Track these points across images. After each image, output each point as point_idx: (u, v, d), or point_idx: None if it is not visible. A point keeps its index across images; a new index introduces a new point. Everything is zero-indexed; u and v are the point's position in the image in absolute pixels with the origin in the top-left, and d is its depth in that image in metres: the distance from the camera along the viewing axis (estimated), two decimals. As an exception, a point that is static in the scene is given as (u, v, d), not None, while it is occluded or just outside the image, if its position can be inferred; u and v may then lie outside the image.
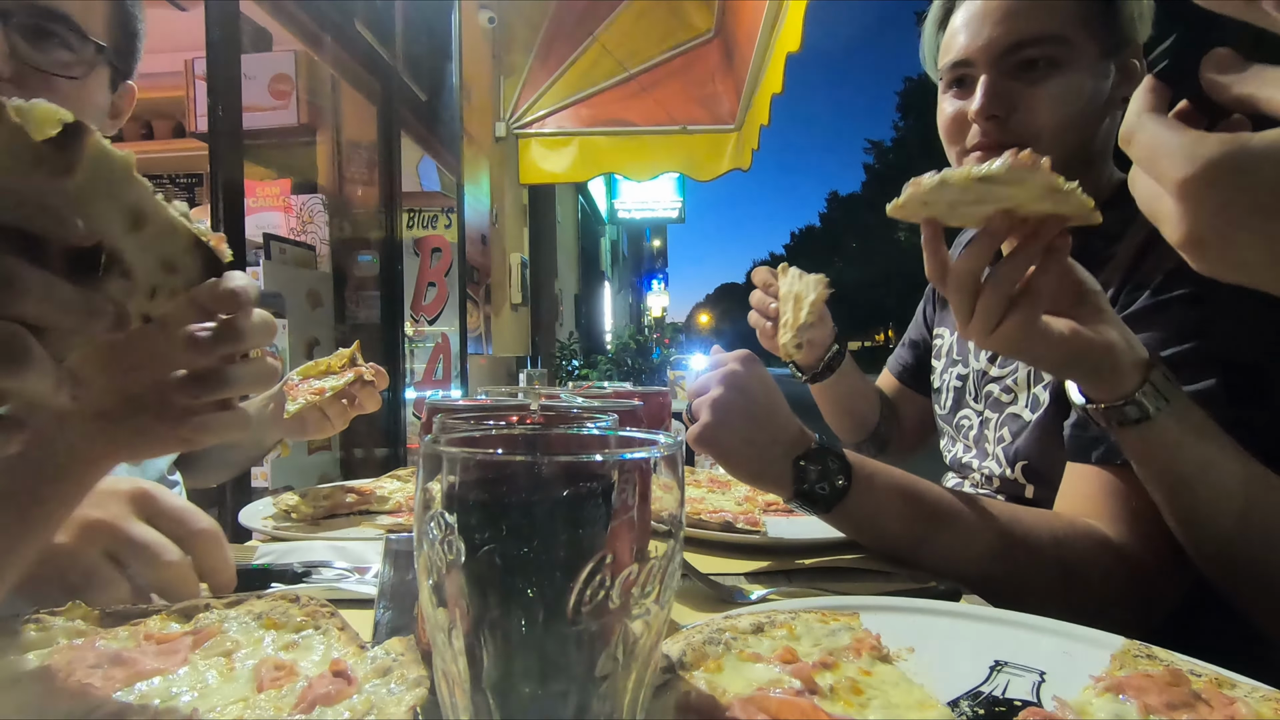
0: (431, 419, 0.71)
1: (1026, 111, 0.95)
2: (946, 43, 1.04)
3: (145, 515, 0.62)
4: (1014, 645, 0.55)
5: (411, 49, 4.04)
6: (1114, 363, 0.71)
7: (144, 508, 0.62)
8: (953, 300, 0.72)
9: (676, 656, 0.48)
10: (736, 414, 0.82)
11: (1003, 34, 0.95)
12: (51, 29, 0.85)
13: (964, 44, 0.99)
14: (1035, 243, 0.67)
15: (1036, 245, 0.67)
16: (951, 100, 1.04)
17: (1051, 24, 0.93)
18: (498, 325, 5.69)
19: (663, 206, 12.30)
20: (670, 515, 0.35)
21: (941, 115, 1.06)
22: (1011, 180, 0.62)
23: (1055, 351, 0.71)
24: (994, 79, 0.96)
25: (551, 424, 0.51)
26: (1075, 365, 0.73)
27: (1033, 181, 0.62)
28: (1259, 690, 0.45)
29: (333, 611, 0.53)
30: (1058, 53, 0.94)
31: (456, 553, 0.32)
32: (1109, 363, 0.71)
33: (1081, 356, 0.71)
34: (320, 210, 3.31)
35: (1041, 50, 0.94)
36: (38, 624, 0.49)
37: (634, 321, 19.46)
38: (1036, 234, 0.67)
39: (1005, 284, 0.68)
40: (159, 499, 0.63)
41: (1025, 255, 0.68)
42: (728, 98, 5.58)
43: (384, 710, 0.40)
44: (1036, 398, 0.99)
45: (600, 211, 12.63)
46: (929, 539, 0.81)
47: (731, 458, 0.83)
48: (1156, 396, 0.70)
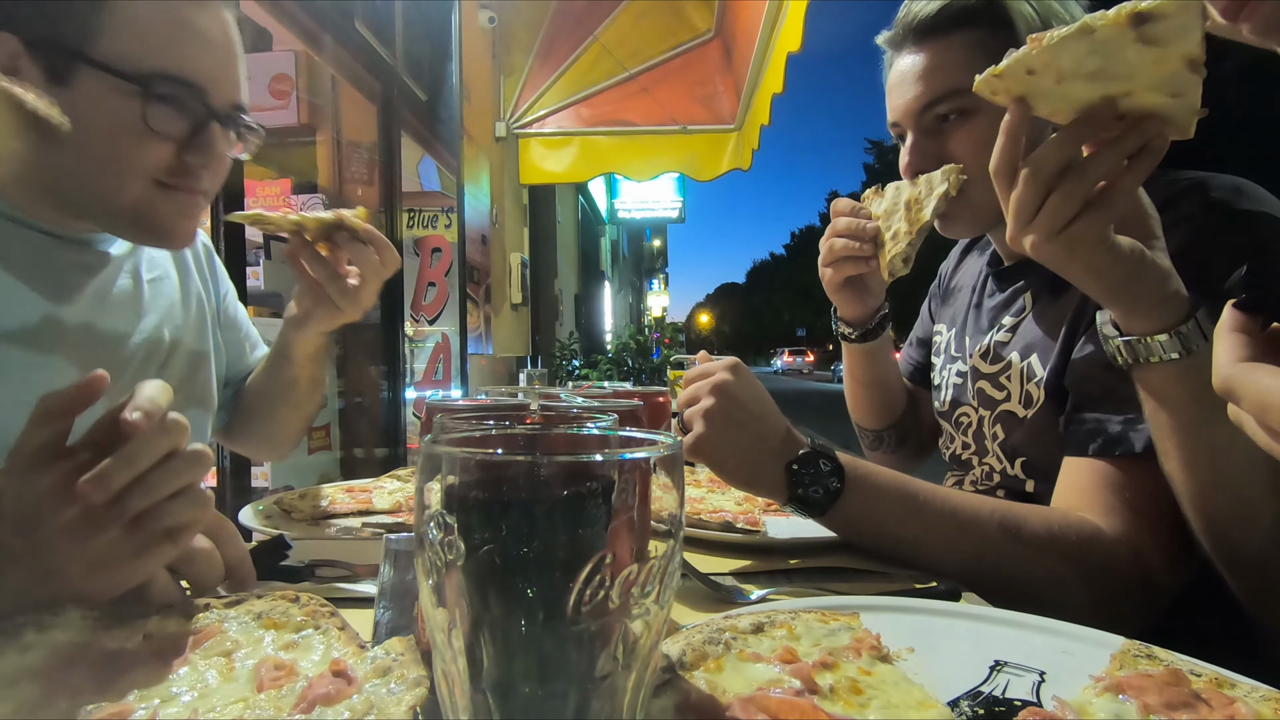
0: (431, 419, 0.71)
1: (952, 160, 1.01)
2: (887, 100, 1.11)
3: None
4: (1014, 645, 0.55)
5: (411, 49, 4.04)
6: (1165, 291, 0.68)
7: None
8: (1023, 194, 0.68)
9: (676, 656, 0.48)
10: (728, 422, 0.83)
11: (917, 95, 1.02)
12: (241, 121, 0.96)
13: (891, 105, 1.07)
14: (1136, 138, 0.63)
15: (1136, 139, 0.63)
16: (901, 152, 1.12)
17: (954, 79, 0.98)
18: (498, 325, 5.69)
19: (663, 206, 12.32)
20: (670, 515, 0.35)
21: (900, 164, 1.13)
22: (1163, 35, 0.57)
23: (1118, 267, 0.67)
24: (916, 139, 1.05)
25: (551, 424, 0.52)
26: (1129, 288, 0.70)
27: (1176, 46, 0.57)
28: (1259, 690, 0.45)
29: (333, 611, 0.53)
30: (965, 103, 0.99)
31: (456, 553, 0.32)
32: (1161, 291, 0.68)
33: (1138, 278, 0.68)
34: (320, 210, 3.31)
35: (950, 105, 1.00)
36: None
37: (634, 321, 19.47)
38: (1139, 129, 0.63)
39: (1093, 176, 0.64)
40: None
41: (1121, 148, 0.63)
42: (728, 97, 5.59)
43: (384, 710, 0.40)
44: (1029, 394, 0.99)
45: (600, 211, 12.64)
46: (925, 538, 0.81)
47: (725, 466, 0.84)
48: (1199, 334, 0.68)
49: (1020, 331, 1.04)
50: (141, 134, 0.85)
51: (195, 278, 1.19)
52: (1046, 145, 0.67)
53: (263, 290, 2.75)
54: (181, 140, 0.88)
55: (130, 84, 0.83)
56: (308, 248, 1.04)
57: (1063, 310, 0.96)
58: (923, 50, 1.01)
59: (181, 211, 0.93)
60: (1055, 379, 0.94)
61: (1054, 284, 1.01)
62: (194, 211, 0.95)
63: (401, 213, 3.74)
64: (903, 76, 1.04)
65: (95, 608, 0.52)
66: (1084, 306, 0.93)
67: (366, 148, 3.64)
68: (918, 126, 1.04)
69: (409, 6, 4.06)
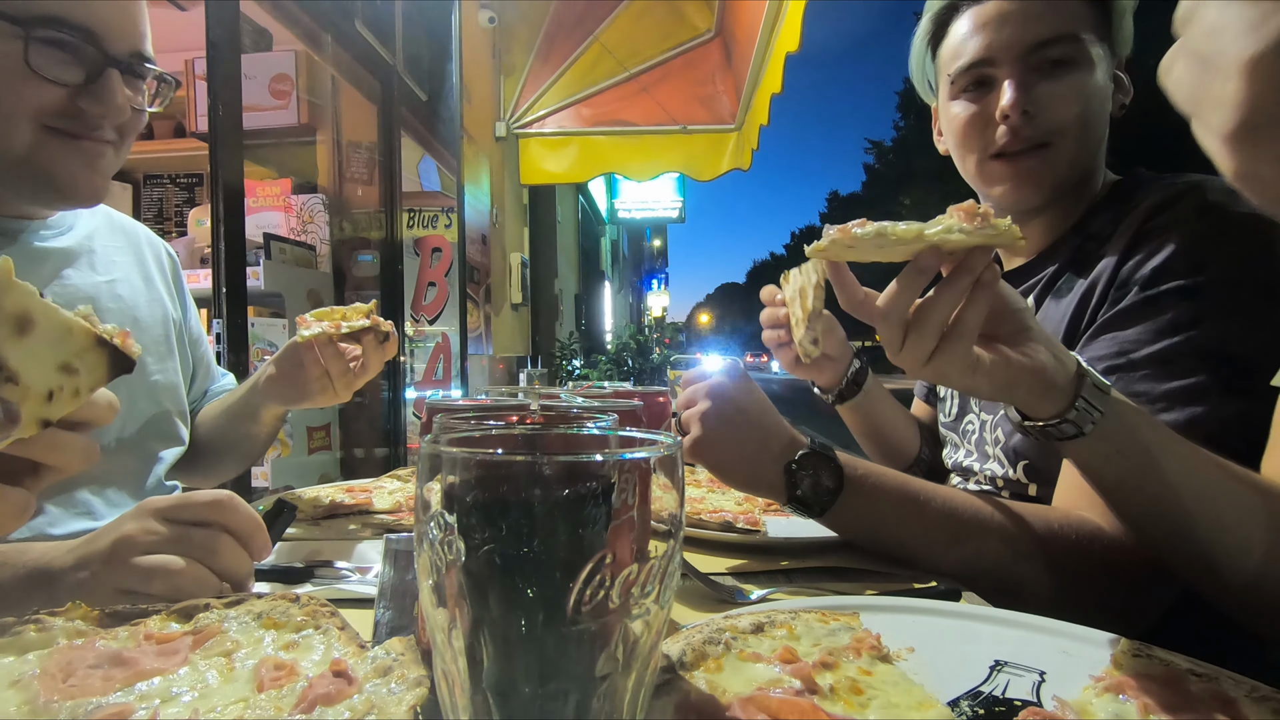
0: (431, 419, 0.71)
1: (1052, 109, 0.97)
2: (956, 47, 1.05)
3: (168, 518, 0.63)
4: (1014, 645, 0.55)
5: (411, 49, 4.04)
6: (1046, 384, 0.68)
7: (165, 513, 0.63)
8: (882, 332, 0.70)
9: (676, 656, 0.48)
10: (725, 425, 0.83)
11: (1027, 32, 0.97)
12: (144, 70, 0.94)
13: (984, 44, 1.00)
14: (965, 276, 0.65)
15: (967, 279, 0.65)
16: (965, 104, 1.05)
17: (1068, 25, 0.96)
18: (498, 325, 5.69)
19: (663, 206, 12.31)
20: (670, 515, 0.35)
21: (954, 120, 1.06)
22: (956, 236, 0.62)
23: (988, 381, 0.69)
24: (1024, 76, 0.98)
25: (551, 424, 0.52)
26: (1008, 392, 0.71)
27: (978, 234, 0.61)
28: (1259, 690, 0.45)
29: (333, 611, 0.53)
30: (1076, 52, 0.96)
31: (456, 553, 0.32)
32: (1040, 385, 0.68)
33: (1014, 383, 0.69)
34: (320, 210, 3.31)
35: (1062, 50, 0.96)
36: (38, 624, 0.49)
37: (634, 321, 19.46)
38: (966, 267, 0.65)
39: (936, 319, 0.66)
40: (170, 504, 0.64)
41: (955, 288, 0.65)
42: (728, 97, 5.59)
43: (384, 710, 0.40)
44: None
45: (600, 211, 12.63)
46: (926, 538, 0.81)
47: (724, 468, 0.85)
48: (1088, 412, 0.68)
49: None
50: (25, 76, 0.84)
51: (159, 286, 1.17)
52: (889, 293, 0.68)
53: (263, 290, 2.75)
54: (75, 86, 0.88)
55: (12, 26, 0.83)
56: (331, 344, 1.05)
57: (1063, 311, 0.96)
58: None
59: (85, 163, 0.92)
60: None
61: (1054, 286, 1.01)
62: (99, 164, 0.93)
63: (401, 213, 3.74)
64: (1005, 15, 0.99)
65: (95, 607, 0.52)
66: (1082, 308, 0.93)
67: (366, 148, 3.64)
68: (1025, 64, 0.98)
69: (409, 6, 4.06)
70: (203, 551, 0.61)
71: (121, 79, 0.91)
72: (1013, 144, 1.00)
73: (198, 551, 0.61)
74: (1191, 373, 0.81)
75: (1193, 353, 0.81)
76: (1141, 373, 0.83)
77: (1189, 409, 0.80)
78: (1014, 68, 0.99)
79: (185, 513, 0.63)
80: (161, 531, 0.61)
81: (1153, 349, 0.83)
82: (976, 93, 1.04)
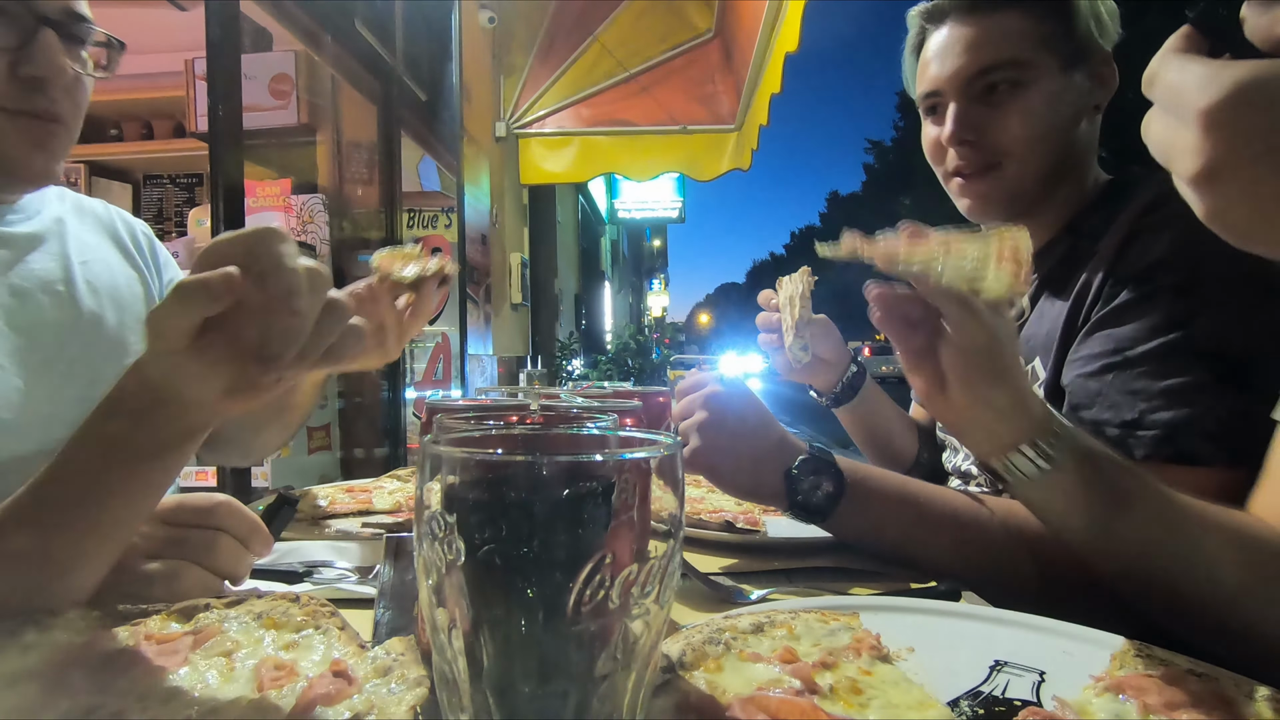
0: (431, 419, 0.71)
1: (995, 133, 1.01)
2: (920, 72, 1.10)
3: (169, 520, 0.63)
4: (1014, 645, 0.55)
5: (411, 49, 4.04)
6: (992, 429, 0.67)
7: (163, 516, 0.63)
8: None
9: (676, 656, 0.48)
10: (722, 434, 0.83)
11: (966, 63, 1.02)
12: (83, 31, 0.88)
13: (933, 74, 1.06)
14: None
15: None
16: (930, 126, 1.10)
17: (1010, 49, 0.99)
18: (498, 325, 5.68)
19: (663, 206, 12.30)
20: (670, 515, 0.35)
21: (924, 139, 1.12)
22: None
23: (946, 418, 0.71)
24: (962, 106, 1.03)
25: (551, 424, 0.52)
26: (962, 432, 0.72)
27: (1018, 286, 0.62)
28: (1259, 690, 0.45)
29: (333, 611, 0.53)
30: (1019, 75, 0.99)
31: (456, 553, 0.32)
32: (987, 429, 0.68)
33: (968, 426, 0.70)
34: (320, 210, 3.31)
35: (1003, 75, 1.00)
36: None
37: (634, 321, 19.46)
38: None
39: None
40: (167, 507, 0.64)
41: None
42: (727, 98, 5.58)
43: (384, 710, 0.40)
44: None
45: (600, 211, 12.63)
46: (928, 540, 0.81)
47: (723, 477, 0.84)
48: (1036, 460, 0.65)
49: (1022, 336, 1.04)
50: None
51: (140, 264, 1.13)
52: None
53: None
54: (10, 53, 0.82)
55: None
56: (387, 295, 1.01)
57: (1059, 310, 0.96)
58: (974, 21, 1.02)
59: (34, 142, 0.86)
60: (1055, 380, 0.94)
61: (1050, 287, 1.01)
62: (49, 143, 0.88)
63: (401, 213, 3.74)
64: (950, 44, 1.03)
65: (95, 607, 0.52)
66: (1078, 306, 0.93)
67: (366, 148, 3.64)
68: (965, 94, 1.03)
69: (409, 6, 4.06)
70: (202, 553, 0.61)
71: (59, 41, 0.85)
72: (964, 167, 1.05)
73: (197, 553, 0.61)
74: (1188, 370, 0.80)
75: (1188, 349, 0.81)
76: (1138, 370, 0.83)
77: (1188, 408, 0.80)
78: (956, 97, 1.03)
79: (182, 515, 0.63)
80: (159, 535, 0.61)
81: (1148, 346, 0.83)
82: (935, 116, 1.09)
